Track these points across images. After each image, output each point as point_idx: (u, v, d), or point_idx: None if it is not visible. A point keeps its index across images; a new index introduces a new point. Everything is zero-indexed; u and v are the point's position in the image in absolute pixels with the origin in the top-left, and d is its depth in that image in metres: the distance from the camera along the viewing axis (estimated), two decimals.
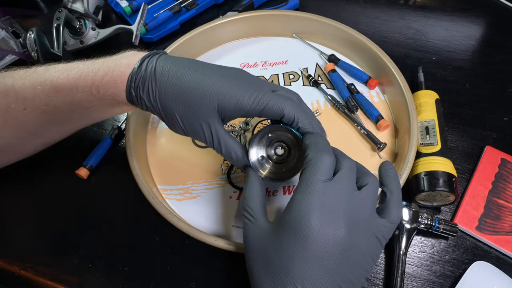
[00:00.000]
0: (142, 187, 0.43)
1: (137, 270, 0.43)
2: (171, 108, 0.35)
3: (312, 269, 0.28)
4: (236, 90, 0.34)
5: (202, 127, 0.35)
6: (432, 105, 0.50)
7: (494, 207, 0.45)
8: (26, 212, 0.48)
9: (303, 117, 0.35)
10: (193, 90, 0.34)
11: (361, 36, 0.55)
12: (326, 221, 0.28)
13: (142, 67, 0.35)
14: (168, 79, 0.35)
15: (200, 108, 0.34)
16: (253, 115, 0.35)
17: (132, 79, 0.35)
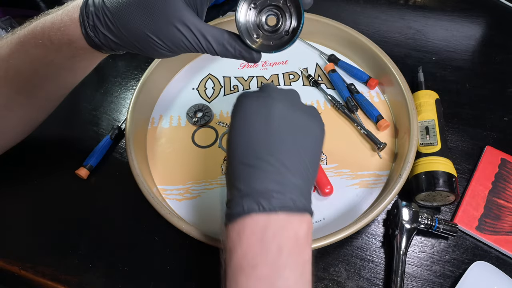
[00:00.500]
0: (142, 187, 0.43)
1: (137, 270, 0.43)
2: (139, 28, 0.31)
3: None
4: None
5: (181, 31, 0.31)
6: (432, 105, 0.50)
7: (494, 207, 0.45)
8: (26, 212, 0.48)
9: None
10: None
11: (361, 36, 0.55)
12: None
13: (89, 2, 0.32)
14: (120, 0, 0.31)
15: (167, 8, 0.30)
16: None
17: (84, 19, 0.32)
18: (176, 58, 0.56)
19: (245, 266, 0.28)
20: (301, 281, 0.28)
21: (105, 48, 0.34)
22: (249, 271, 0.28)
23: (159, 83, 0.55)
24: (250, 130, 0.31)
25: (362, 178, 0.47)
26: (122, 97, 0.58)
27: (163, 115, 0.54)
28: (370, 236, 0.45)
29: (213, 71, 0.58)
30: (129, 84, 0.60)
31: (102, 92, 0.58)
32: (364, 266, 0.43)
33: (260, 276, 0.27)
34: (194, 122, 0.52)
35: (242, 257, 0.28)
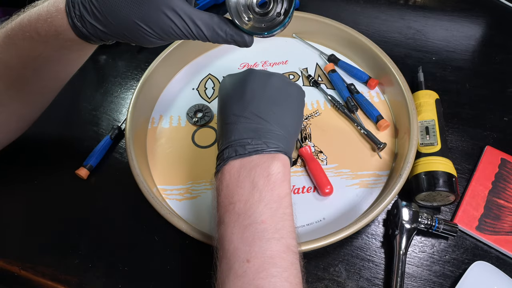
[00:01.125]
0: (142, 187, 0.43)
1: (137, 270, 0.43)
2: (127, 16, 0.30)
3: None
4: None
5: (168, 15, 0.30)
6: (432, 105, 0.50)
7: (494, 207, 0.45)
8: (26, 212, 0.48)
9: None
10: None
11: (361, 36, 0.55)
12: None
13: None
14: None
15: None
16: None
17: (71, 10, 0.31)
18: (176, 58, 0.56)
19: (226, 204, 0.31)
20: (278, 215, 0.30)
21: (94, 38, 0.33)
22: (230, 208, 0.31)
23: (159, 83, 0.55)
24: (228, 96, 0.36)
25: (362, 178, 0.47)
26: (122, 97, 0.58)
27: (163, 115, 0.54)
28: (370, 236, 0.45)
29: (213, 71, 0.58)
30: (129, 84, 0.60)
31: (102, 92, 0.58)
32: (364, 266, 0.43)
33: (238, 211, 0.30)
34: (194, 122, 0.52)
35: (224, 197, 0.32)
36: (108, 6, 0.30)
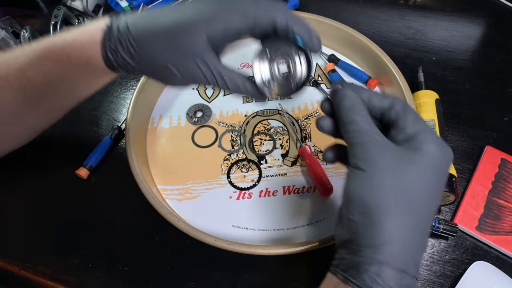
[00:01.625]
0: (142, 187, 0.43)
1: (137, 270, 0.43)
2: (160, 59, 0.32)
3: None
4: (218, 11, 0.32)
5: (199, 66, 0.32)
6: (432, 105, 0.50)
7: (494, 207, 0.45)
8: (26, 212, 0.48)
9: (295, 21, 0.32)
10: (177, 27, 0.32)
11: (361, 36, 0.55)
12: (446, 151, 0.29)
13: (113, 26, 0.33)
14: (145, 29, 0.32)
15: (190, 43, 0.31)
16: (245, 33, 0.33)
17: (106, 41, 0.33)
18: None
19: None
20: None
21: (120, 69, 0.35)
22: None
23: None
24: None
25: None
26: (122, 97, 0.58)
27: (163, 115, 0.54)
28: None
29: None
30: (129, 84, 0.60)
31: (102, 92, 0.58)
32: None
33: None
34: (194, 122, 0.52)
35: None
36: (144, 47, 0.32)
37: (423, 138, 0.28)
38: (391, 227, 0.26)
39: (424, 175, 0.27)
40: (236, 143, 0.51)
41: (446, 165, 0.28)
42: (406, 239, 0.26)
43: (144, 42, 0.32)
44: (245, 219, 0.45)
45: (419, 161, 0.27)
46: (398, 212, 0.26)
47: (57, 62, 0.35)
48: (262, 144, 0.51)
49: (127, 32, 0.32)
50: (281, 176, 0.48)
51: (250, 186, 0.47)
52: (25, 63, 0.36)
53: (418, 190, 0.27)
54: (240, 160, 0.50)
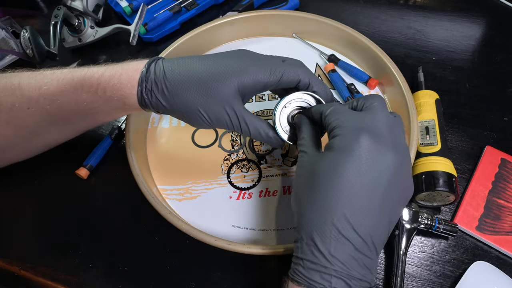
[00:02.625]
0: (142, 187, 0.43)
1: (137, 270, 0.43)
2: (191, 102, 0.35)
3: (359, 194, 0.28)
4: (250, 66, 0.35)
5: (228, 113, 0.35)
6: (432, 105, 0.50)
7: (494, 207, 0.45)
8: (26, 212, 0.48)
9: (316, 80, 0.38)
10: (210, 77, 0.35)
11: (361, 36, 0.55)
12: (377, 142, 0.29)
13: (150, 70, 0.36)
14: (181, 74, 0.35)
15: (221, 93, 0.34)
16: (271, 86, 0.36)
17: (143, 83, 0.35)
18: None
19: None
20: None
21: (151, 108, 0.37)
22: None
23: None
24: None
25: None
26: None
27: (163, 115, 0.54)
28: None
29: None
30: None
31: None
32: None
33: None
34: None
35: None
36: (177, 90, 0.35)
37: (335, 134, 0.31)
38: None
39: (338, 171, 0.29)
40: (236, 143, 0.51)
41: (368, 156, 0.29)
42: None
43: (178, 86, 0.35)
44: (245, 219, 0.45)
45: (331, 164, 0.29)
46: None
47: (91, 94, 0.37)
48: (262, 144, 0.51)
49: (164, 75, 0.35)
50: (281, 176, 0.48)
51: (250, 186, 0.47)
52: (58, 90, 0.38)
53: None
54: (240, 160, 0.50)
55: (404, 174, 0.30)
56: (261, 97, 0.55)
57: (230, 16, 0.58)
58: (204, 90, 0.35)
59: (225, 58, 0.36)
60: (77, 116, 0.40)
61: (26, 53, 0.53)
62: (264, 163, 0.49)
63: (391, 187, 0.29)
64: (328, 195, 0.28)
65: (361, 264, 0.28)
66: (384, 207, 0.28)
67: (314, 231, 0.28)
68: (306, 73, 0.37)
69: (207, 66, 0.35)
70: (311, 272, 0.28)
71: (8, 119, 0.39)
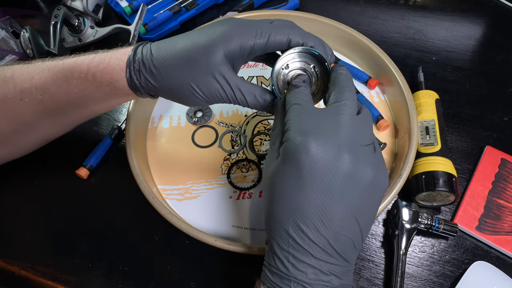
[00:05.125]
0: (142, 187, 0.43)
1: (137, 270, 0.43)
2: (180, 77, 0.34)
3: (309, 201, 0.27)
4: (235, 30, 0.34)
5: (218, 81, 0.34)
6: (432, 105, 0.50)
7: (494, 207, 0.45)
8: (26, 212, 0.48)
9: (310, 37, 0.35)
10: (195, 47, 0.33)
11: (361, 36, 0.55)
12: (324, 146, 0.27)
13: (138, 52, 0.35)
14: (166, 51, 0.34)
15: (209, 61, 0.33)
16: (260, 49, 0.34)
17: (131, 64, 0.35)
18: None
19: None
20: None
21: (142, 91, 0.36)
22: None
23: None
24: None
25: None
26: None
27: (163, 115, 0.54)
28: (370, 236, 0.45)
29: None
30: None
31: None
32: (364, 266, 0.43)
33: None
34: (194, 122, 0.52)
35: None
36: (164, 67, 0.34)
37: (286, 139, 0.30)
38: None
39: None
40: (236, 143, 0.51)
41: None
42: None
43: (166, 63, 0.34)
44: (245, 219, 0.45)
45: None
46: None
47: (81, 79, 0.37)
48: (262, 144, 0.51)
49: (150, 55, 0.35)
50: None
51: (250, 186, 0.47)
52: (49, 78, 0.37)
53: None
54: (240, 160, 0.50)
55: (363, 173, 0.28)
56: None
57: (229, 16, 0.58)
58: (191, 63, 0.33)
59: (209, 28, 0.35)
60: (70, 106, 0.39)
61: (26, 53, 0.53)
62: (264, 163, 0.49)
63: (346, 190, 0.27)
64: (279, 203, 0.28)
65: (324, 271, 0.27)
66: (342, 210, 0.27)
67: (272, 238, 0.29)
68: (298, 31, 0.34)
69: (191, 39, 0.34)
70: (274, 276, 0.28)
71: (2, 111, 0.39)
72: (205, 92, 0.34)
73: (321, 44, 0.35)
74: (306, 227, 0.27)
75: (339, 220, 0.27)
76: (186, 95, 0.35)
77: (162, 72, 0.34)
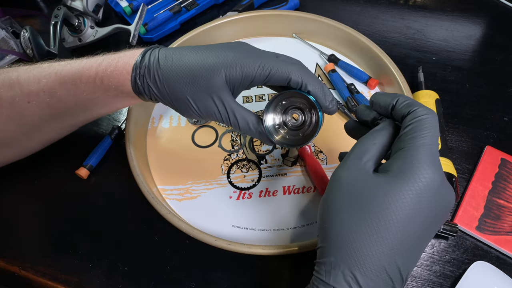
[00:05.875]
0: (142, 187, 0.43)
1: (137, 270, 0.43)
2: (181, 91, 0.35)
3: (414, 234, 0.27)
4: (240, 58, 0.35)
5: (215, 103, 0.35)
6: (432, 105, 0.50)
7: (494, 207, 0.45)
8: (26, 212, 0.48)
9: (311, 80, 0.35)
10: (200, 66, 0.35)
11: (361, 36, 0.55)
12: (435, 171, 0.27)
13: (145, 57, 0.36)
14: (173, 63, 0.35)
15: (210, 83, 0.34)
16: (260, 82, 0.36)
17: (137, 69, 0.36)
18: None
19: None
20: None
21: (145, 95, 0.37)
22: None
23: None
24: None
25: None
26: None
27: (163, 115, 0.54)
28: None
29: None
30: None
31: None
32: None
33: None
34: (194, 122, 0.52)
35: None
36: (168, 78, 0.35)
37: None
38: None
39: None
40: (236, 143, 0.51)
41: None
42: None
43: (170, 75, 0.35)
44: (245, 219, 0.45)
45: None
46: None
47: (90, 85, 0.37)
48: (262, 144, 0.51)
49: (157, 63, 0.35)
50: (281, 176, 0.48)
51: (250, 186, 0.47)
52: (57, 82, 0.38)
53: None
54: (240, 160, 0.50)
55: (448, 212, 0.29)
56: (261, 97, 0.55)
57: (230, 16, 0.58)
58: (194, 80, 0.35)
59: (218, 49, 0.36)
60: (77, 108, 0.40)
61: (26, 53, 0.53)
62: (264, 163, 0.49)
63: (436, 226, 0.28)
64: (383, 234, 0.26)
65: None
66: (424, 246, 0.28)
67: (357, 264, 0.26)
68: (299, 71, 0.35)
69: (199, 57, 0.35)
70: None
71: (9, 114, 0.39)
72: (202, 109, 0.36)
73: (321, 90, 0.36)
74: (401, 260, 0.27)
75: (419, 253, 0.29)
76: (183, 108, 0.36)
77: (165, 84, 0.35)
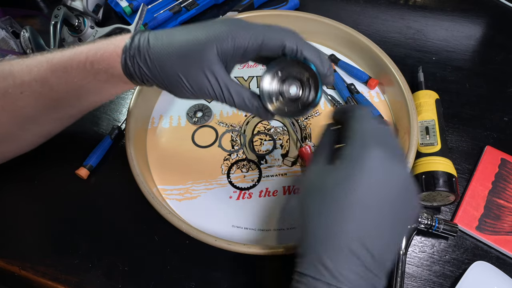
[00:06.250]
0: (142, 187, 0.43)
1: (137, 270, 0.43)
2: (172, 68, 0.34)
3: (373, 211, 0.27)
4: (232, 30, 0.34)
5: (208, 78, 0.34)
6: (432, 105, 0.50)
7: (494, 207, 0.45)
8: (26, 212, 0.48)
9: (306, 46, 0.34)
10: (190, 41, 0.34)
11: (361, 36, 0.55)
12: (387, 156, 0.28)
13: (135, 39, 0.35)
14: (163, 41, 0.34)
15: (201, 56, 0.33)
16: (253, 52, 0.34)
17: (127, 51, 0.35)
18: None
19: None
20: None
21: (137, 78, 0.36)
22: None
23: None
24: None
25: None
26: (122, 97, 0.58)
27: (163, 115, 0.54)
28: None
29: None
30: None
31: None
32: None
33: None
34: (194, 122, 0.52)
35: None
36: (158, 57, 0.34)
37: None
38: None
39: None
40: (236, 143, 0.51)
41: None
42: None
43: (160, 53, 0.34)
44: (245, 219, 0.45)
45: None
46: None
47: (80, 70, 0.37)
48: (262, 144, 0.51)
49: (147, 43, 0.35)
50: (281, 176, 0.48)
51: (250, 186, 0.47)
52: (49, 70, 0.38)
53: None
54: (240, 160, 0.50)
55: (411, 189, 0.29)
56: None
57: (230, 16, 0.58)
58: (184, 55, 0.34)
59: (209, 24, 0.35)
60: (69, 96, 0.39)
61: (26, 53, 0.53)
62: (264, 163, 0.49)
63: (401, 203, 0.28)
64: (340, 214, 0.27)
65: (368, 284, 0.27)
66: (395, 224, 0.28)
67: (323, 250, 0.27)
68: (293, 37, 0.34)
69: (189, 33, 0.34)
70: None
71: (2, 105, 0.39)
72: (194, 86, 0.34)
73: (317, 56, 0.35)
74: (366, 237, 0.27)
75: (391, 231, 0.28)
76: (175, 87, 0.35)
77: (156, 62, 0.34)
